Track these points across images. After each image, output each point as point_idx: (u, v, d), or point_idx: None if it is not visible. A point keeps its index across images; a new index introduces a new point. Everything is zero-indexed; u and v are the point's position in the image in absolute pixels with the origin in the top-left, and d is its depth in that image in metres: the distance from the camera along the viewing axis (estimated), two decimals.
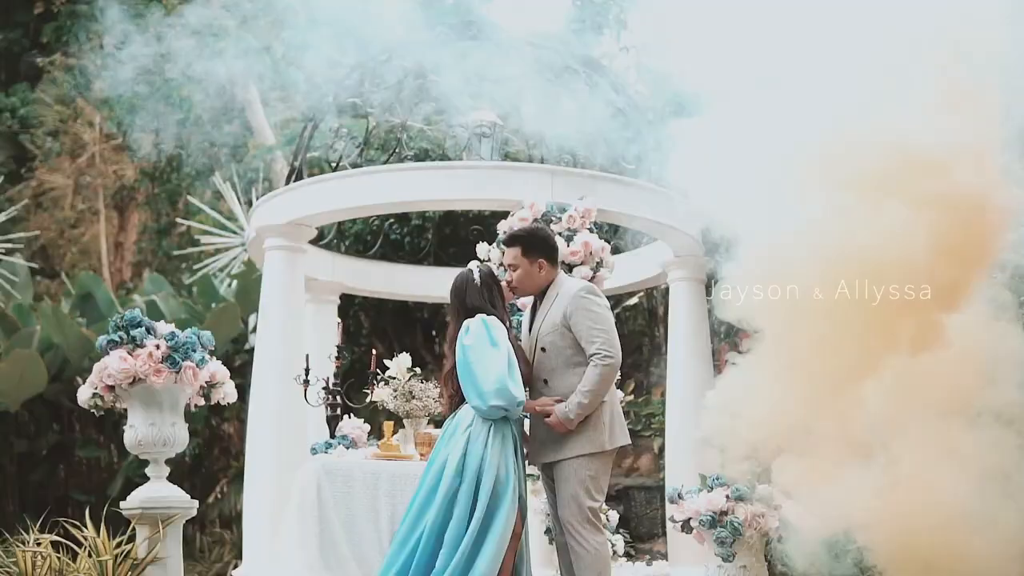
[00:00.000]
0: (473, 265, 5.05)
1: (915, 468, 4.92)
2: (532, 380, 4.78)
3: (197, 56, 10.48)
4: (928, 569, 4.94)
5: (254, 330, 11.92)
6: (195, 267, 14.83)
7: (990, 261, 5.29)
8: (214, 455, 13.16)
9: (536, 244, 4.83)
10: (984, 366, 5.00)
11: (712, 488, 6.06)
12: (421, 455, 5.79)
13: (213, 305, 12.87)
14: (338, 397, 6.70)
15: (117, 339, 5.34)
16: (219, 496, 12.63)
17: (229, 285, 13.68)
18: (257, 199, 13.50)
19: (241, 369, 11.57)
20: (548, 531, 6.37)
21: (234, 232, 14.31)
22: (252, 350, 10.63)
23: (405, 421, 6.10)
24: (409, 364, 6.11)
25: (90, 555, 5.42)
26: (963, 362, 4.98)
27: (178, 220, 16.71)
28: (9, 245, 13.37)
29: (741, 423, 5.47)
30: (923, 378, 4.99)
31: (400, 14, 8.39)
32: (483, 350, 4.54)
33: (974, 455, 4.92)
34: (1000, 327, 5.13)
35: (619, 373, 4.82)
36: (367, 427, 6.72)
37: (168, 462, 5.63)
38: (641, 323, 12.60)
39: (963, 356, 4.99)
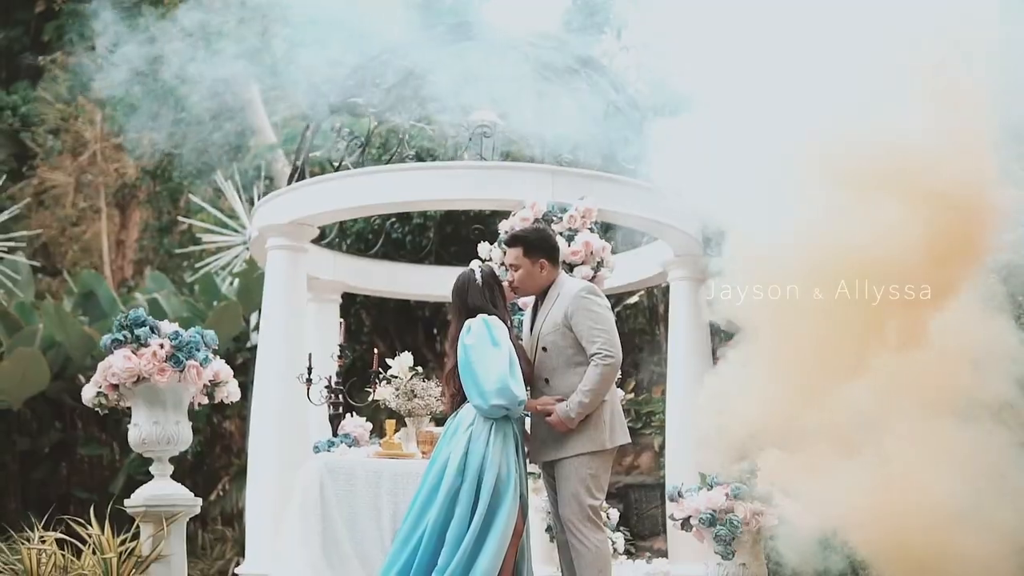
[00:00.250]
0: (475, 265, 5.08)
1: (908, 466, 4.93)
2: (533, 379, 4.82)
3: (195, 56, 10.51)
4: (921, 567, 4.96)
5: (256, 328, 11.97)
6: (197, 265, 14.87)
7: (984, 258, 5.31)
8: (215, 453, 13.20)
9: (538, 244, 4.87)
10: (978, 363, 5.02)
11: (712, 486, 6.09)
12: (423, 453, 5.83)
13: (215, 303, 12.90)
14: (340, 396, 6.73)
15: (121, 338, 5.37)
16: (221, 493, 12.68)
17: (231, 283, 13.72)
18: (258, 197, 13.56)
19: (243, 367, 11.59)
20: (549, 529, 6.40)
21: (235, 230, 14.35)
22: (254, 348, 10.66)
23: (407, 420, 6.13)
24: (411, 363, 6.14)
25: (94, 552, 5.45)
26: (956, 359, 5.00)
27: (179, 218, 16.74)
28: (11, 244, 13.40)
29: (730, 420, 5.49)
30: (916, 375, 5.01)
31: (397, 15, 8.41)
32: (484, 350, 4.58)
33: (967, 453, 4.93)
34: (994, 324, 5.15)
35: (619, 372, 4.86)
36: (369, 425, 6.76)
37: (170, 460, 5.66)
38: (642, 321, 12.64)
39: (956, 353, 5.00)
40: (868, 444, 5.06)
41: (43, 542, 5.56)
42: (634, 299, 12.38)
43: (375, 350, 6.77)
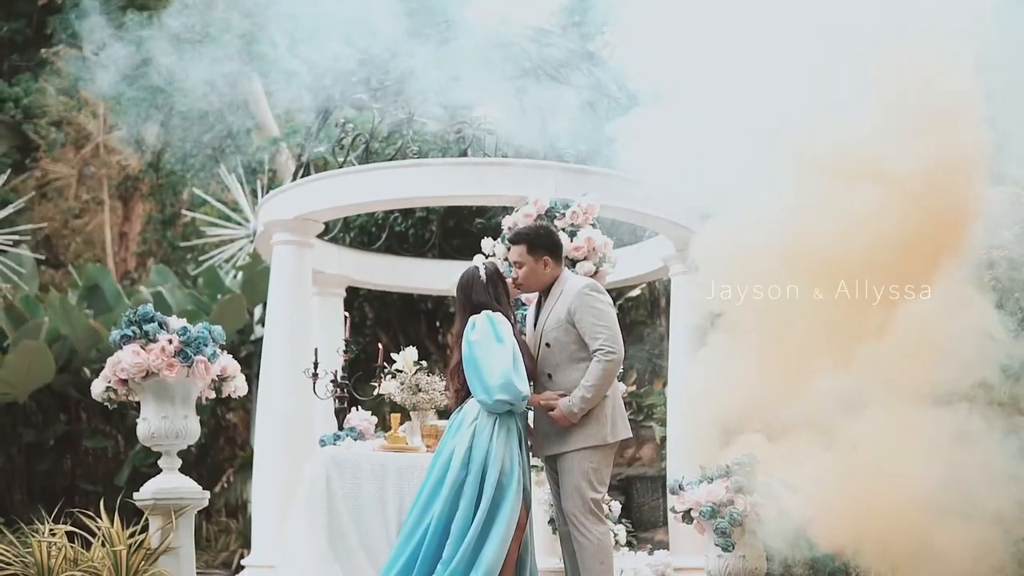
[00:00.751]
0: (479, 261, 5.15)
1: (893, 455, 4.95)
2: (536, 375, 4.89)
3: (195, 53, 10.55)
4: (909, 556, 4.99)
5: (260, 321, 12.04)
6: (200, 258, 14.93)
7: (966, 247, 5.35)
8: (219, 445, 13.28)
9: (541, 242, 4.94)
10: (961, 350, 5.02)
11: (712, 479, 6.15)
12: (427, 447, 5.89)
13: (219, 296, 12.97)
14: (345, 390, 6.79)
15: (130, 334, 5.42)
16: (225, 485, 12.77)
17: (235, 276, 13.78)
18: (262, 189, 13.63)
19: (247, 360, 11.69)
20: (552, 521, 6.47)
21: (239, 223, 14.41)
22: (258, 341, 10.74)
23: (412, 413, 6.20)
24: (416, 358, 6.20)
25: (104, 545, 5.49)
26: (939, 347, 5.00)
27: (183, 211, 16.80)
28: (16, 237, 13.46)
29: (712, 410, 5.54)
30: (898, 363, 5.02)
31: (392, 11, 8.45)
32: (489, 346, 4.65)
33: (953, 440, 4.95)
34: (978, 311, 5.16)
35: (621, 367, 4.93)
36: (374, 419, 6.83)
37: (177, 453, 5.73)
38: (643, 314, 12.70)
39: (939, 341, 5.00)
40: (851, 434, 5.09)
41: (53, 535, 5.60)
42: (636, 292, 12.44)
43: (380, 345, 6.83)
